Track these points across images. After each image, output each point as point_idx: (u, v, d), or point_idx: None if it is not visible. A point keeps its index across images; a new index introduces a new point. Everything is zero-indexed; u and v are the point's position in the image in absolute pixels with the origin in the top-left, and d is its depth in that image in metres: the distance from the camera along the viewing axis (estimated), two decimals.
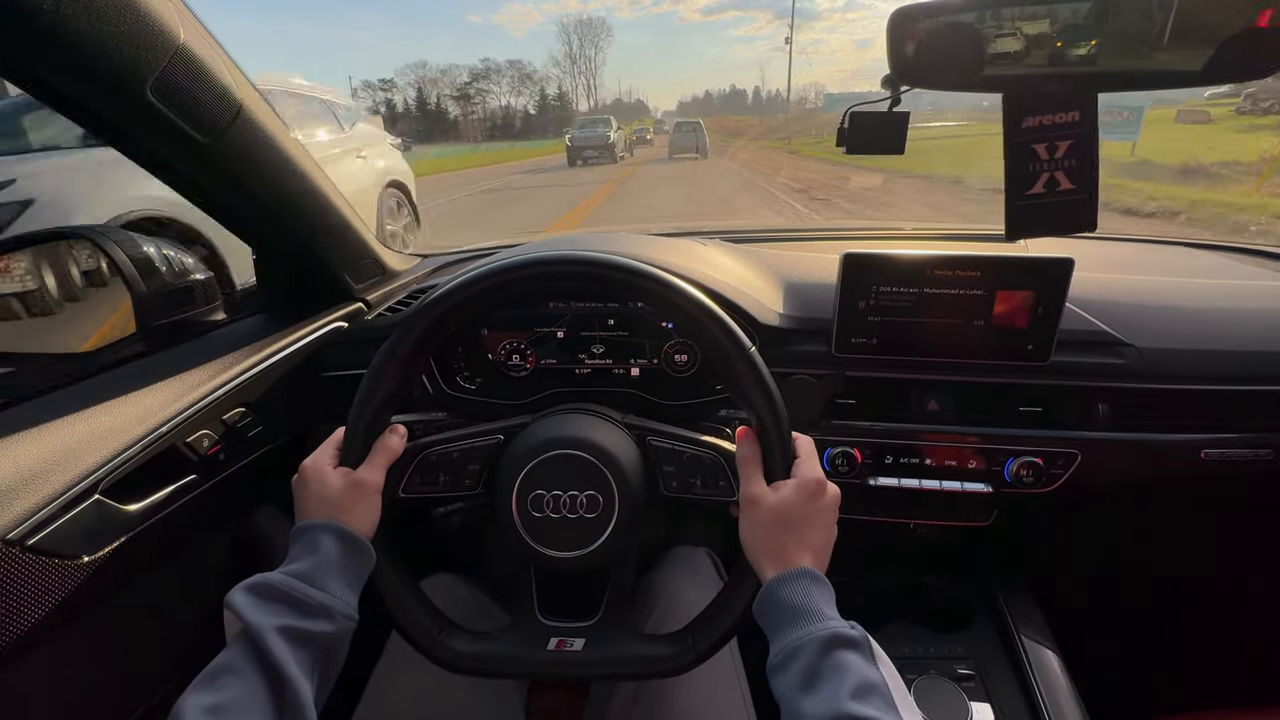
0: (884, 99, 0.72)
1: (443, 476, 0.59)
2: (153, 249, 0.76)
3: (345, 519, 0.52)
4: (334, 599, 0.48)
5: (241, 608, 0.44)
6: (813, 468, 0.54)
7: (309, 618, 0.46)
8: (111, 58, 0.53)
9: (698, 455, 0.59)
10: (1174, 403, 0.81)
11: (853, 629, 0.46)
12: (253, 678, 0.42)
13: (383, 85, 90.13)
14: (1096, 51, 0.65)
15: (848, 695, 0.41)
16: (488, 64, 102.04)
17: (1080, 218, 0.73)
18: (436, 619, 0.58)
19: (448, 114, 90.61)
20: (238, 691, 0.41)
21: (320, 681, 0.46)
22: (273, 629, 0.44)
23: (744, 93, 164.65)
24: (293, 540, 0.52)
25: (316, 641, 0.46)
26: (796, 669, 0.44)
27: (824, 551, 0.52)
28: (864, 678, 0.42)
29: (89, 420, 0.62)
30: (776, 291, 0.90)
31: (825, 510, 0.53)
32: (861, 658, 0.44)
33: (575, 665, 0.57)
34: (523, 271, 0.55)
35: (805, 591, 0.48)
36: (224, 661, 0.43)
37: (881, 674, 0.44)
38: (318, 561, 0.49)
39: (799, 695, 0.43)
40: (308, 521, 0.52)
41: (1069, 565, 1.12)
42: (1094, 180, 0.71)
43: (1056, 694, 0.80)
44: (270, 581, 0.47)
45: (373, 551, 0.53)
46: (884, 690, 0.42)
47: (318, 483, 0.53)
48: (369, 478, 0.54)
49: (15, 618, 0.51)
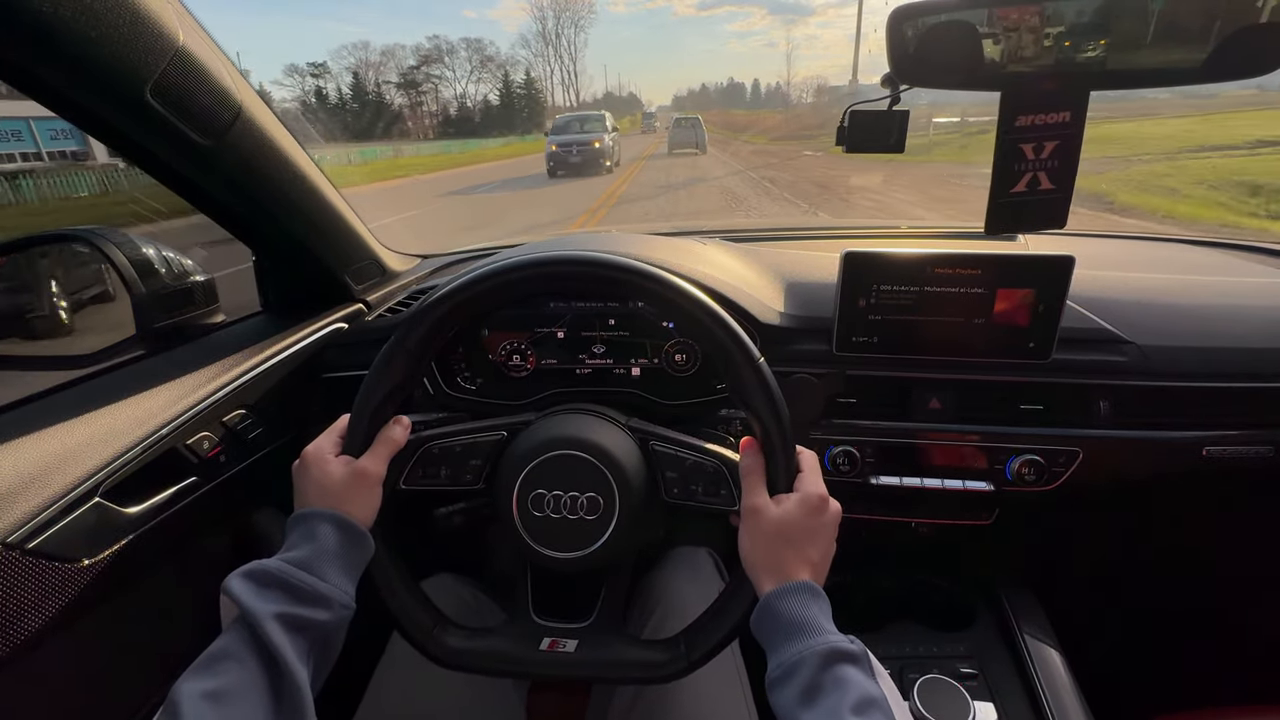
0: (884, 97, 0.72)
1: (444, 470, 0.59)
2: (152, 251, 0.76)
3: (346, 508, 0.52)
4: (332, 587, 0.48)
5: (239, 594, 0.44)
6: (816, 483, 0.54)
7: (306, 605, 0.46)
8: (111, 60, 0.53)
9: (700, 463, 0.58)
10: (1175, 400, 0.81)
11: (852, 643, 0.46)
12: (250, 663, 0.42)
13: (313, 71, 70.22)
14: (1104, 51, 0.65)
15: (849, 710, 0.41)
16: (438, 43, 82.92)
17: (1052, 215, 0.73)
18: (432, 614, 0.58)
19: (390, 104, 73.44)
20: (236, 677, 0.41)
21: (316, 669, 0.46)
22: (270, 615, 0.43)
23: (742, 86, 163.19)
24: (291, 527, 0.51)
25: (314, 629, 0.46)
26: (796, 684, 0.44)
27: (822, 566, 0.52)
28: (865, 692, 0.42)
29: (89, 423, 0.62)
30: (777, 291, 0.90)
31: (827, 526, 0.53)
32: (861, 672, 0.44)
33: (567, 666, 0.57)
34: (537, 270, 0.55)
35: (804, 605, 0.48)
36: (221, 647, 0.43)
37: (882, 689, 0.44)
38: (316, 549, 0.49)
39: (799, 710, 0.43)
40: (307, 509, 0.52)
41: (1071, 563, 1.12)
42: (1072, 180, 0.72)
43: (1059, 692, 0.80)
44: (268, 568, 0.46)
45: (372, 541, 0.53)
46: (884, 705, 0.42)
47: (319, 470, 0.53)
48: (371, 468, 0.54)
49: (16, 620, 0.51)
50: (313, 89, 68.70)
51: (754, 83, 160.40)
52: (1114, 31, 0.66)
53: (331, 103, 68.19)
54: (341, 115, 66.60)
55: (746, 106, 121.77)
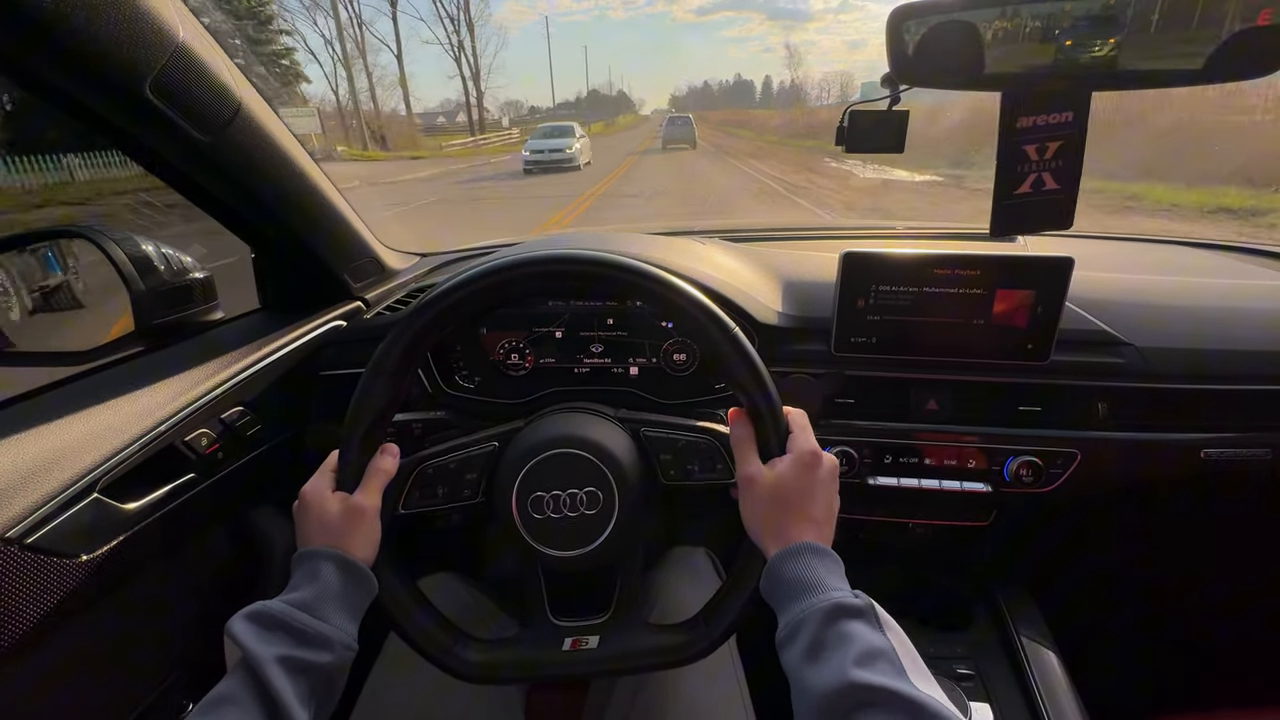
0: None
1: (441, 489, 0.59)
2: (151, 248, 0.76)
3: (346, 546, 0.52)
4: (334, 629, 0.48)
5: (242, 636, 0.45)
6: (807, 440, 0.54)
7: (309, 648, 0.46)
8: (111, 56, 0.53)
9: (693, 441, 0.59)
10: (1173, 402, 0.81)
11: (856, 597, 0.45)
12: (252, 709, 0.42)
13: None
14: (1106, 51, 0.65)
15: (853, 663, 0.40)
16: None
17: (1058, 216, 0.73)
18: (448, 630, 0.58)
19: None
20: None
21: (319, 710, 0.47)
22: (273, 659, 0.44)
23: (750, 84, 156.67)
24: (294, 566, 0.52)
25: (316, 671, 0.46)
26: (801, 641, 0.44)
27: (827, 523, 0.52)
28: (869, 645, 0.42)
29: (87, 419, 0.62)
30: (775, 291, 0.90)
31: (824, 481, 0.52)
32: (866, 625, 0.44)
33: (593, 663, 0.57)
34: (511, 273, 0.55)
35: (807, 564, 0.48)
36: (224, 691, 0.43)
37: (890, 640, 0.43)
38: (318, 591, 0.49)
39: (805, 667, 0.43)
40: (309, 549, 0.52)
41: (1069, 565, 1.12)
42: (1077, 181, 0.72)
43: (1056, 693, 0.80)
44: (270, 610, 0.47)
45: (374, 580, 0.53)
46: (891, 656, 0.42)
47: (318, 509, 0.53)
48: (366, 503, 0.54)
49: (13, 616, 0.51)
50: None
51: (764, 80, 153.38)
52: (1115, 32, 0.65)
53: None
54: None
55: (756, 106, 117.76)
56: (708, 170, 15.10)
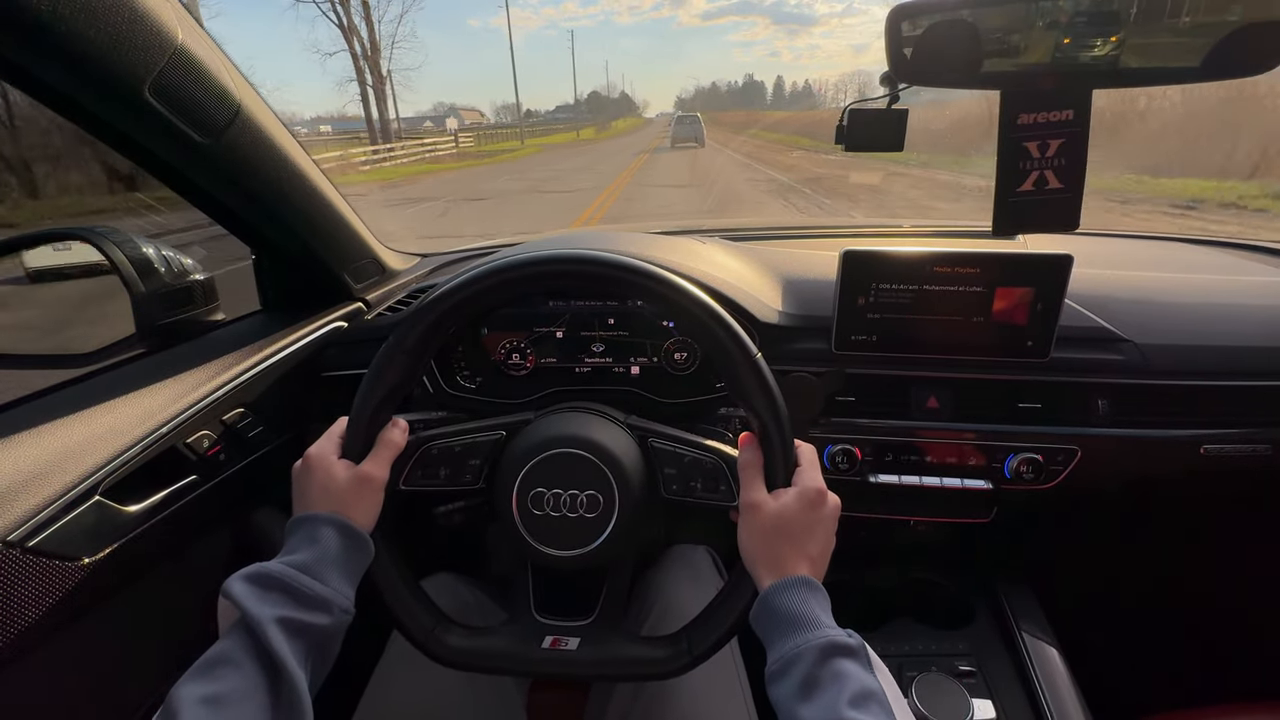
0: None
1: (443, 470, 0.59)
2: (151, 250, 0.76)
3: (348, 512, 0.52)
4: (333, 591, 0.48)
5: (240, 597, 0.44)
6: (814, 477, 0.54)
7: (307, 609, 0.46)
8: (110, 58, 0.53)
9: (699, 459, 0.58)
10: (1173, 398, 0.81)
11: (849, 637, 0.46)
12: (250, 668, 0.42)
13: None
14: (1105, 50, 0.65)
15: (846, 703, 0.41)
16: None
17: (1065, 216, 0.73)
18: (433, 614, 0.58)
19: None
20: (235, 682, 0.41)
21: (314, 673, 0.46)
22: (271, 619, 0.43)
23: (761, 85, 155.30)
24: (291, 530, 0.51)
25: (313, 633, 0.46)
26: (794, 677, 0.44)
27: (821, 560, 0.52)
28: (862, 685, 0.42)
29: (89, 421, 0.62)
30: (776, 289, 0.90)
31: (825, 520, 0.53)
32: (859, 666, 0.44)
33: (570, 664, 0.57)
34: (535, 268, 0.55)
35: (802, 599, 0.48)
36: (221, 651, 0.43)
37: (879, 682, 0.44)
38: (317, 553, 0.49)
39: (797, 703, 0.43)
40: (310, 512, 0.52)
41: (1070, 561, 1.12)
42: (1081, 179, 0.72)
43: (1058, 690, 0.80)
44: (270, 571, 0.46)
45: (372, 546, 0.53)
46: (882, 698, 0.42)
47: (323, 474, 0.53)
48: (375, 472, 0.54)
49: (16, 619, 0.51)
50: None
51: (776, 81, 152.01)
52: (1113, 30, 0.66)
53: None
54: None
55: (768, 107, 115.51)
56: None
